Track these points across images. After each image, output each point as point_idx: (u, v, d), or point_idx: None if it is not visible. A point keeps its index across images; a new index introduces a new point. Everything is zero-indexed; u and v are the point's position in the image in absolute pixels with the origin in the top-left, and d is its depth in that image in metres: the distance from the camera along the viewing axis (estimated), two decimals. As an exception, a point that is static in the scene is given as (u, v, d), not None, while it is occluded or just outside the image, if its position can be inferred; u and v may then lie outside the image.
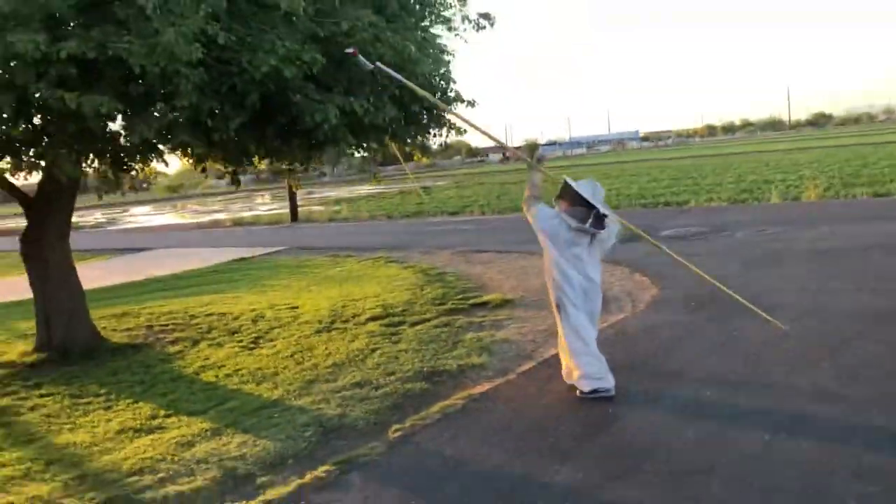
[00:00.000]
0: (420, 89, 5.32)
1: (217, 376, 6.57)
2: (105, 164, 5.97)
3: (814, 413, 4.43)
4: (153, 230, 30.30)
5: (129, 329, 9.06)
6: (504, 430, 4.63)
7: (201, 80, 4.51)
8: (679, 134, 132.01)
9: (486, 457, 4.26)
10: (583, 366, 5.00)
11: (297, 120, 5.15)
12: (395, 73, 5.20)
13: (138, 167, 6.31)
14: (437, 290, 9.50)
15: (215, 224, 29.69)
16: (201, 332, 8.45)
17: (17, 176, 6.40)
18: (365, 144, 6.94)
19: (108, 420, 5.60)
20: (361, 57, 5.07)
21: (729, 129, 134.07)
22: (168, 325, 9.06)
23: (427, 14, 6.71)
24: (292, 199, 27.12)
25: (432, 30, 6.91)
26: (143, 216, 41.61)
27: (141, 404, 5.92)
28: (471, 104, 7.17)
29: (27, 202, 7.87)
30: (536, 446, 4.32)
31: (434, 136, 7.42)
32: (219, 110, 4.85)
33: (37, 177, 8.64)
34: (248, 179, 60.72)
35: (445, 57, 6.58)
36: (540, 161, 5.50)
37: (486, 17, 7.07)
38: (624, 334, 6.63)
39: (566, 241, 4.96)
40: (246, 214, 32.67)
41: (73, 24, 4.35)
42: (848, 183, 18.93)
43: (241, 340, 7.83)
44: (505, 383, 5.55)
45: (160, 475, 4.35)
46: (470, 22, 6.99)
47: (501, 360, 6.16)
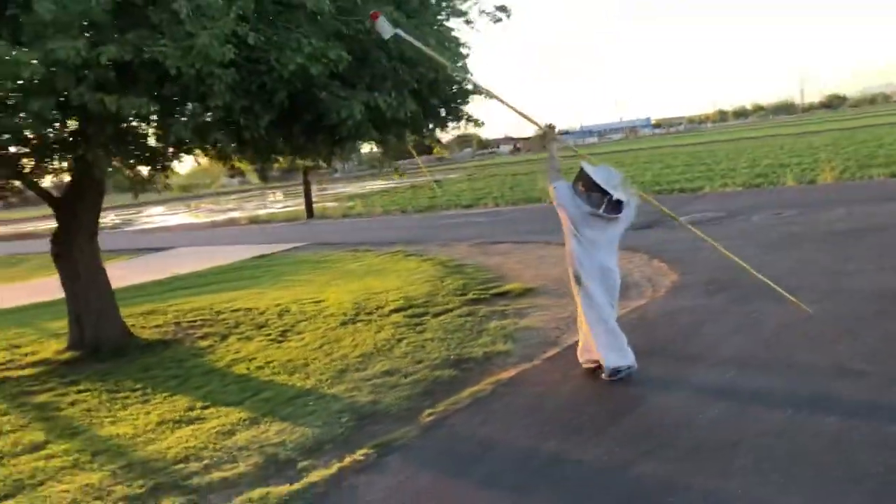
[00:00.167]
0: (439, 57, 5.32)
1: (249, 369, 6.75)
2: (140, 164, 6.15)
3: (836, 390, 4.53)
4: (170, 230, 30.63)
5: (158, 326, 9.27)
6: (533, 413, 4.77)
7: (233, 80, 4.68)
8: (691, 120, 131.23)
9: (517, 438, 4.40)
10: (600, 341, 5.11)
11: (323, 116, 5.29)
12: (415, 41, 5.18)
13: (171, 166, 6.49)
14: (458, 281, 9.63)
15: (231, 222, 29.97)
16: (229, 327, 8.64)
17: (46, 178, 6.58)
18: (384, 139, 7.06)
19: (147, 413, 5.78)
20: (383, 19, 4.95)
21: (741, 113, 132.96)
22: (195, 321, 9.26)
23: (444, 8, 6.82)
24: (307, 195, 27.31)
25: (448, 23, 7.02)
26: (158, 216, 41.97)
27: (177, 397, 6.10)
28: (489, 95, 7.26)
29: (56, 203, 8.07)
30: (565, 427, 4.46)
31: (452, 128, 7.53)
32: (249, 109, 5.02)
33: (60, 179, 8.89)
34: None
35: (463, 50, 6.69)
36: (552, 130, 5.43)
37: (502, 9, 7.18)
38: (645, 319, 6.73)
39: (583, 221, 5.07)
40: (261, 212, 32.94)
41: (109, 30, 4.51)
42: (864, 164, 18.82)
43: (269, 334, 8.01)
44: (531, 369, 5.69)
45: (204, 462, 4.53)
46: (487, 15, 7.10)
47: (526, 347, 6.28)
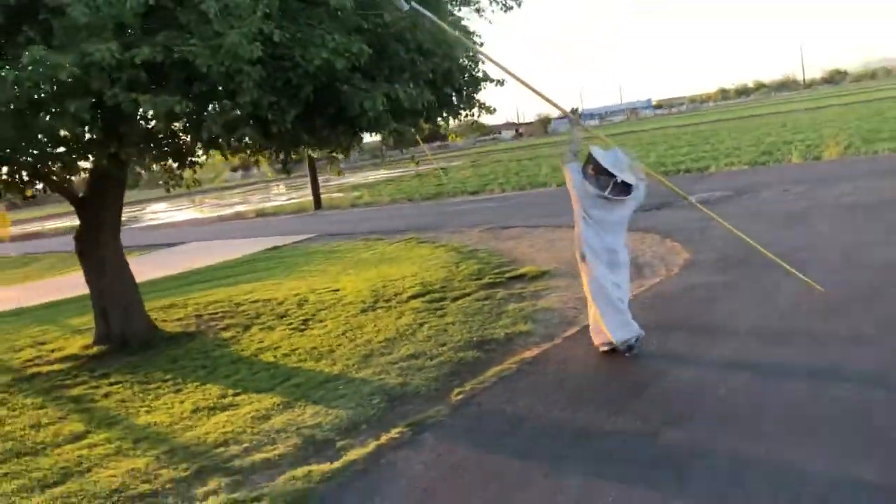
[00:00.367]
0: (455, 32, 5.46)
1: (275, 357, 6.93)
2: (171, 160, 6.30)
3: (853, 358, 4.68)
4: (176, 226, 30.78)
5: (179, 319, 9.44)
6: (558, 389, 4.94)
7: (260, 77, 4.83)
8: (692, 100, 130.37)
9: (545, 413, 4.57)
10: (608, 319, 5.26)
11: (345, 109, 5.44)
12: (430, 14, 5.30)
13: (200, 161, 6.64)
14: (473, 266, 9.78)
15: (238, 216, 30.11)
16: (250, 318, 8.82)
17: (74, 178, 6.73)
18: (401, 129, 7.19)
19: (181, 402, 5.96)
20: None
21: (742, 91, 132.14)
22: (216, 313, 9.44)
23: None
24: (315, 186, 27.41)
25: (459, 13, 7.15)
26: (164, 212, 42.09)
27: (208, 386, 6.29)
28: (500, 83, 7.41)
29: (78, 202, 8.23)
30: (591, 401, 4.63)
31: (465, 116, 7.67)
32: (276, 104, 5.17)
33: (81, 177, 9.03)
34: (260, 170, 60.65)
35: (476, 39, 6.81)
36: (575, 113, 5.56)
37: None
38: (661, 296, 6.89)
39: (592, 202, 5.23)
40: (268, 205, 33.07)
41: (138, 31, 4.65)
42: (868, 139, 18.85)
43: (291, 323, 8.19)
44: (553, 347, 5.85)
45: (244, 445, 4.72)
46: (498, 4, 7.23)
47: (546, 327, 6.45)
